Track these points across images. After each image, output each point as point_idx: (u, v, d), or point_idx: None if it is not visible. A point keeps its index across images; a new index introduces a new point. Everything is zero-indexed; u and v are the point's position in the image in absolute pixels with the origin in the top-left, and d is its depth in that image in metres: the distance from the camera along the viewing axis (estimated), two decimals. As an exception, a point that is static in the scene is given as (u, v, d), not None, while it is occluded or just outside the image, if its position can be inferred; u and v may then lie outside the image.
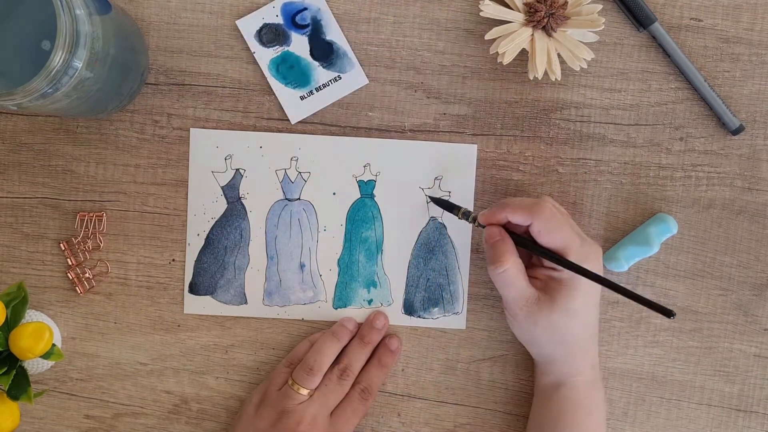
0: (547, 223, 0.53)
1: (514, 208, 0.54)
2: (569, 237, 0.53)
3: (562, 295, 0.53)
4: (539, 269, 0.55)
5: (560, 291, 0.53)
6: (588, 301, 0.54)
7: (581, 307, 0.54)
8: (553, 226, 0.53)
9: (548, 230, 0.53)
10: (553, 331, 0.54)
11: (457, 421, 0.62)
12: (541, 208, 0.53)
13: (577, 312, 0.53)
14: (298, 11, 0.59)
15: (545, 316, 0.53)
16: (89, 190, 0.60)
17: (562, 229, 0.53)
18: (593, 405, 0.56)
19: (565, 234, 0.53)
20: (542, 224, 0.53)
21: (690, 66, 0.58)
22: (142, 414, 0.61)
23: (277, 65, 0.59)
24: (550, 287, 0.54)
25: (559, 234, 0.53)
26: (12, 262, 0.61)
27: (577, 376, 0.55)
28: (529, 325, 0.54)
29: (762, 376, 0.61)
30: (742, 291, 0.60)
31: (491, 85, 0.59)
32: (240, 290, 0.61)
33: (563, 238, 0.53)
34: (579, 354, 0.55)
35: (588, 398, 0.55)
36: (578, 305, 0.53)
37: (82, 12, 0.46)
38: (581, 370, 0.55)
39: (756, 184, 0.60)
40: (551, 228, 0.53)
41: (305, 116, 0.59)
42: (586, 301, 0.54)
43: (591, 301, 0.54)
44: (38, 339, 0.53)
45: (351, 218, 0.60)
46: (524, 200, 0.55)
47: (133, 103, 0.60)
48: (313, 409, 0.56)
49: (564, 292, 0.53)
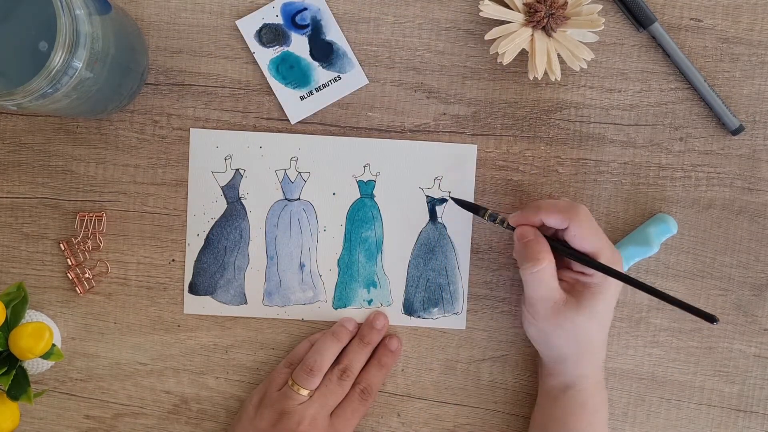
0: (584, 228, 0.53)
1: (550, 210, 0.54)
2: (602, 243, 0.54)
3: (587, 298, 0.54)
4: (566, 272, 0.56)
5: (586, 294, 0.54)
6: (609, 305, 0.55)
7: (604, 310, 0.54)
8: (589, 231, 0.53)
9: (583, 235, 0.53)
10: (573, 331, 0.54)
11: (457, 421, 0.62)
12: (579, 211, 0.53)
13: (600, 315, 0.54)
14: (298, 11, 0.59)
15: (570, 318, 0.54)
16: (89, 190, 0.60)
17: (597, 234, 0.54)
18: (598, 405, 0.56)
19: (598, 239, 0.54)
20: (579, 228, 0.53)
21: (690, 66, 0.58)
22: (142, 414, 0.61)
23: (276, 65, 0.59)
24: (576, 290, 0.54)
25: (593, 239, 0.53)
26: (12, 262, 0.61)
27: (586, 378, 0.56)
28: (550, 325, 0.54)
29: (762, 376, 0.61)
30: (742, 291, 0.60)
31: (491, 85, 0.59)
32: (240, 290, 0.61)
33: (596, 243, 0.53)
34: (592, 356, 0.56)
35: (594, 399, 0.56)
36: (602, 308, 0.54)
37: (82, 12, 0.46)
38: (591, 372, 0.56)
39: (756, 184, 0.60)
40: (587, 233, 0.53)
41: (305, 116, 0.59)
42: (608, 305, 0.55)
43: (612, 305, 0.55)
44: (38, 339, 0.53)
45: (351, 218, 0.60)
46: (559, 202, 0.55)
47: (133, 103, 0.60)
48: (313, 410, 0.56)
49: (590, 296, 0.54)
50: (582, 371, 0.56)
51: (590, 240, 0.53)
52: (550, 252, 0.54)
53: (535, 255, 0.53)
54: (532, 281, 0.54)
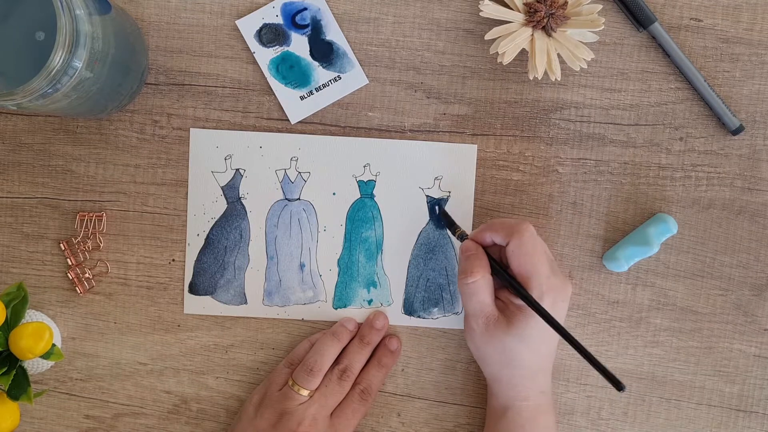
0: (523, 245, 0.53)
1: (496, 228, 0.55)
2: (540, 264, 0.53)
3: (518, 321, 0.54)
4: (503, 291, 0.56)
5: (517, 316, 0.54)
6: (544, 334, 0.54)
7: (535, 337, 0.54)
8: (528, 250, 0.53)
9: (522, 252, 0.53)
10: (503, 352, 0.54)
11: (457, 421, 0.62)
12: (521, 229, 0.54)
13: (530, 340, 0.54)
14: (298, 11, 0.59)
15: (499, 337, 0.54)
16: (89, 190, 0.60)
17: (535, 254, 0.54)
18: (540, 429, 0.56)
19: (536, 260, 0.53)
20: (518, 244, 0.53)
21: (690, 66, 0.58)
22: (142, 414, 0.61)
23: (277, 65, 0.59)
24: (509, 310, 0.55)
25: (531, 258, 0.53)
26: (12, 262, 0.61)
27: (523, 401, 0.56)
28: (482, 341, 0.55)
29: (762, 376, 0.61)
30: (742, 291, 0.60)
31: (491, 85, 0.59)
32: (240, 290, 0.61)
33: (534, 263, 0.53)
34: (526, 380, 0.55)
35: (535, 423, 0.55)
36: (533, 334, 0.54)
37: (82, 12, 0.46)
38: (527, 395, 0.56)
39: (756, 184, 0.60)
40: (525, 251, 0.53)
41: (305, 116, 0.59)
42: (542, 333, 0.54)
43: (548, 335, 0.54)
44: (38, 339, 0.53)
45: (351, 218, 0.60)
46: (507, 220, 0.57)
47: (133, 103, 0.60)
48: (313, 410, 0.56)
49: (521, 319, 0.54)
50: (519, 393, 0.55)
51: (527, 259, 0.53)
52: (486, 267, 0.54)
53: (471, 268, 0.54)
54: (466, 293, 0.55)
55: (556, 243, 0.60)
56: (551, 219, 0.60)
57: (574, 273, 0.60)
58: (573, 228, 0.60)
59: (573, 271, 0.60)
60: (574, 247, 0.60)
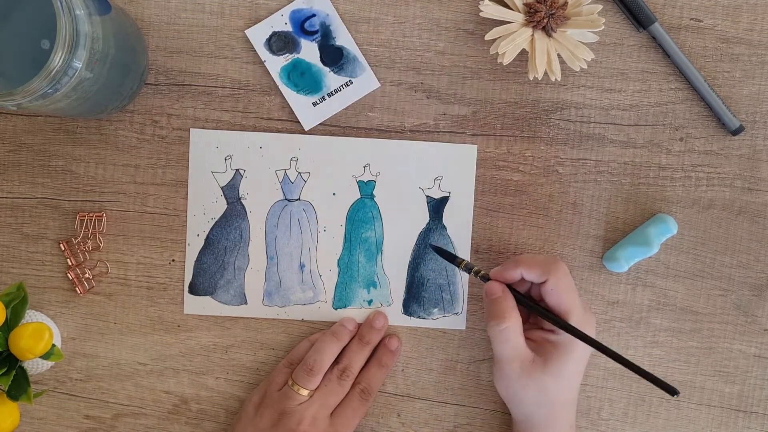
0: (561, 283, 0.53)
1: (530, 264, 0.54)
2: (576, 301, 0.53)
3: (555, 358, 0.53)
4: (535, 331, 0.56)
5: (554, 354, 0.53)
6: (579, 366, 0.55)
7: (572, 371, 0.54)
8: (566, 287, 0.53)
9: (560, 291, 0.53)
10: (540, 392, 0.54)
11: (457, 421, 0.62)
12: (559, 266, 0.53)
13: (568, 375, 0.54)
14: (307, 18, 0.59)
15: (537, 378, 0.53)
16: (89, 190, 0.60)
17: (571, 291, 0.53)
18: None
19: (574, 296, 0.53)
20: (556, 282, 0.53)
21: (690, 66, 0.58)
22: (142, 414, 0.61)
23: (288, 73, 0.59)
24: (544, 349, 0.54)
25: (568, 296, 0.53)
26: (12, 262, 0.61)
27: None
28: (518, 384, 0.54)
29: (762, 377, 0.61)
30: (742, 291, 0.60)
31: (491, 85, 0.59)
32: (240, 290, 0.61)
33: (570, 301, 0.53)
34: (560, 417, 0.55)
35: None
36: (569, 368, 0.54)
37: (82, 12, 0.46)
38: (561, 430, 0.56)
39: (756, 185, 0.60)
40: (564, 288, 0.53)
41: (318, 122, 0.59)
42: (578, 365, 0.54)
43: (582, 366, 0.55)
44: (38, 339, 0.53)
45: (351, 219, 0.60)
46: (539, 256, 0.55)
47: (133, 104, 0.59)
48: (313, 410, 0.56)
49: (558, 356, 0.53)
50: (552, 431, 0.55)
51: (565, 296, 0.53)
52: (516, 310, 0.53)
53: (502, 313, 0.53)
54: (498, 339, 0.54)
55: (556, 243, 0.60)
56: (551, 219, 0.60)
57: (574, 273, 0.60)
58: (573, 228, 0.60)
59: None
60: (574, 247, 0.60)
